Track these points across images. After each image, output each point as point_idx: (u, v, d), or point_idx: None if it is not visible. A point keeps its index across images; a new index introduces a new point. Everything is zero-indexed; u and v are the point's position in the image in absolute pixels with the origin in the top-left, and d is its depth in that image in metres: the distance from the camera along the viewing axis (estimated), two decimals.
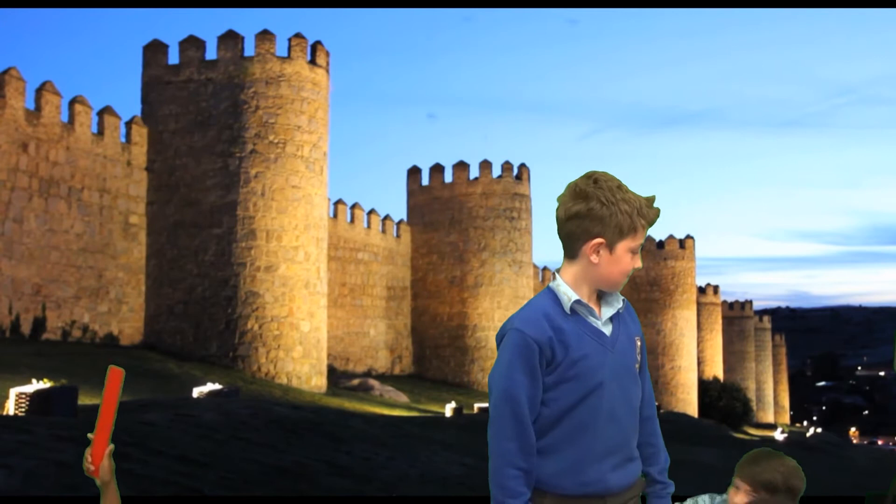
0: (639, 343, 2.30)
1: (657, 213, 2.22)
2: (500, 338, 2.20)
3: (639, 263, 2.22)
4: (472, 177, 40.76)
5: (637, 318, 2.35)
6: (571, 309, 2.18)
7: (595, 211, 2.14)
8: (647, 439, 2.32)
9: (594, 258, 2.18)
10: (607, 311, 2.24)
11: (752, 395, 72.01)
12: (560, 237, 2.24)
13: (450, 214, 40.48)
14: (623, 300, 2.29)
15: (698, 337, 62.59)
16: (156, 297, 26.79)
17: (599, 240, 2.16)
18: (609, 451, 2.19)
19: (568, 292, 2.19)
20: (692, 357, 57.19)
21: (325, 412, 14.30)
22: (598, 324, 2.21)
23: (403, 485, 8.50)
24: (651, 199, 2.21)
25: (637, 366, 2.28)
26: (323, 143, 28.66)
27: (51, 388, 11.29)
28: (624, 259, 2.18)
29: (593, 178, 2.18)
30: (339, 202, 35.60)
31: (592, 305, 2.23)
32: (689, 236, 58.60)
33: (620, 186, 2.18)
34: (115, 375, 2.11)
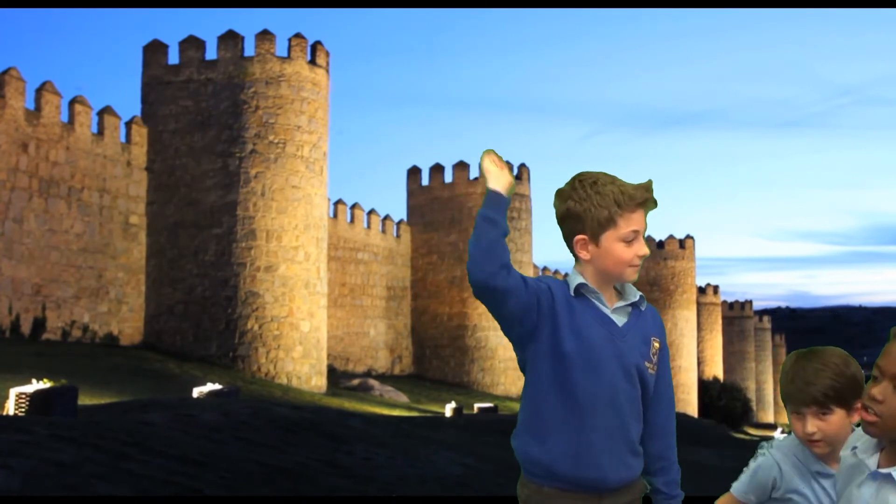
0: (656, 345, 2.27)
1: (643, 193, 2.20)
2: None
3: (642, 251, 2.23)
4: (472, 177, 40.76)
5: (662, 323, 2.34)
6: (579, 293, 2.22)
7: (572, 210, 2.21)
8: (662, 453, 2.27)
9: (584, 254, 2.23)
10: (618, 302, 2.25)
11: (752, 395, 72.01)
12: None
13: (450, 214, 40.48)
14: (640, 296, 2.28)
15: (698, 337, 62.59)
16: (156, 297, 26.80)
17: (581, 236, 2.22)
18: (609, 439, 2.15)
19: (574, 278, 2.24)
20: (692, 357, 57.23)
21: (325, 412, 14.29)
22: (607, 310, 2.22)
23: (403, 485, 8.50)
24: (640, 185, 2.22)
25: (650, 366, 2.23)
26: (323, 143, 28.67)
27: (51, 388, 11.27)
28: (614, 250, 2.20)
29: (573, 179, 2.25)
30: (339, 202, 35.62)
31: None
32: (689, 236, 58.66)
33: (597, 182, 2.20)
34: None
